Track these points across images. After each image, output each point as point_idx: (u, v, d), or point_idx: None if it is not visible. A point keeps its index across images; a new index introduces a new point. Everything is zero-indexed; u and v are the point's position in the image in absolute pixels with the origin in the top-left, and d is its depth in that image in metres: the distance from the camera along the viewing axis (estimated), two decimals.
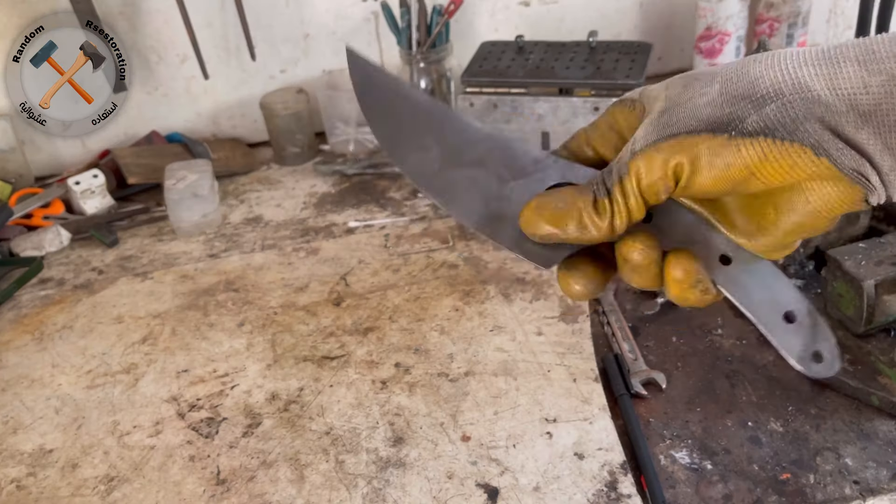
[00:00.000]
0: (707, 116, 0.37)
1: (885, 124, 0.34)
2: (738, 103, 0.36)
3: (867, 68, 0.34)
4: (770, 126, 0.35)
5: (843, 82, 0.35)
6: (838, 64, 0.35)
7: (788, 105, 0.35)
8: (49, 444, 0.72)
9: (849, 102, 0.34)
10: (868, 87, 0.34)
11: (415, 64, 1.19)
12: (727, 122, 0.36)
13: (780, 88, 0.35)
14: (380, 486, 0.64)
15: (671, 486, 0.62)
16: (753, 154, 0.35)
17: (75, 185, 1.10)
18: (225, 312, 0.88)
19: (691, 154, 0.37)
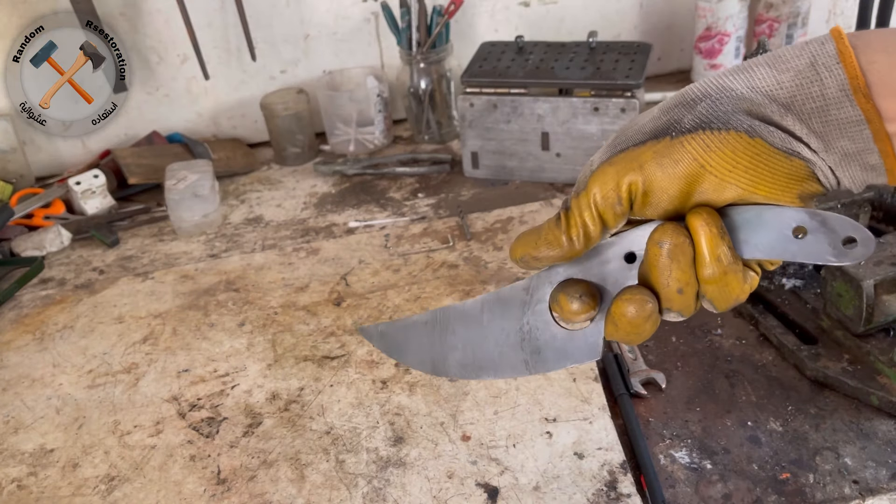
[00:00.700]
0: (650, 129, 0.41)
1: (804, 112, 0.38)
2: (673, 110, 0.41)
3: (776, 68, 0.39)
4: (705, 120, 0.39)
5: (758, 82, 0.39)
6: (751, 70, 0.40)
7: (717, 102, 0.39)
8: (50, 444, 0.73)
9: (768, 96, 0.39)
10: (780, 84, 0.39)
11: (415, 64, 1.19)
12: (667, 127, 0.40)
13: (707, 91, 0.40)
14: (380, 486, 0.64)
15: (671, 485, 0.62)
16: (697, 147, 0.39)
17: (76, 186, 1.10)
18: (225, 312, 0.89)
19: (641, 163, 0.40)
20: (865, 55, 0.38)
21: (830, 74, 0.38)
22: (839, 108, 0.38)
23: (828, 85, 0.38)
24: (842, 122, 0.38)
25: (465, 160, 1.12)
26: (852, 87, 0.37)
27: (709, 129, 0.39)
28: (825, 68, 0.38)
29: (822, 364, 0.70)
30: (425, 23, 1.17)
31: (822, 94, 0.38)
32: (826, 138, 0.39)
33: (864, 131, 0.38)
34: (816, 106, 0.38)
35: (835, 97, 0.38)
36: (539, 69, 1.06)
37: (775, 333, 0.74)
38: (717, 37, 1.27)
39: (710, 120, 0.39)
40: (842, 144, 0.39)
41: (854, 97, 0.37)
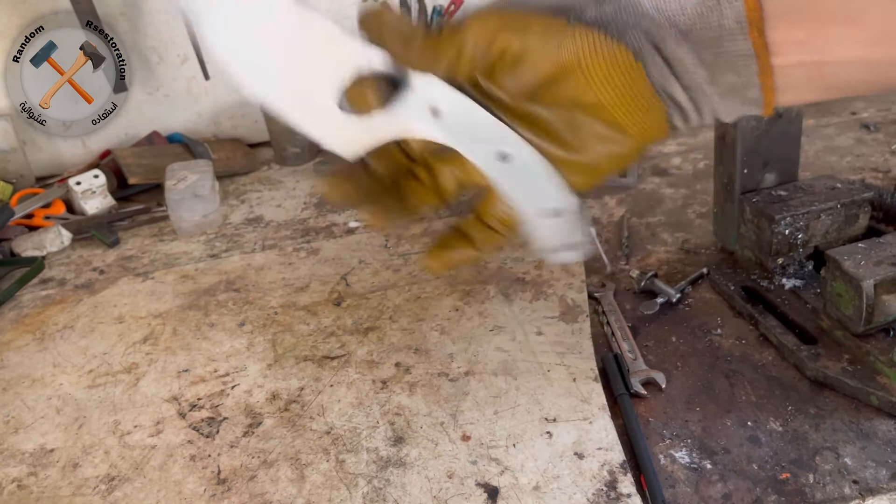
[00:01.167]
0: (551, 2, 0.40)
1: (699, 41, 0.38)
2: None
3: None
4: (604, 21, 0.39)
5: (664, 3, 0.39)
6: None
7: (623, 10, 0.39)
8: (50, 444, 0.73)
9: (670, 20, 0.38)
10: (684, 9, 0.38)
11: None
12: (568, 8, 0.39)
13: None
14: (380, 486, 0.64)
15: (671, 485, 0.62)
16: (585, 43, 0.39)
17: (76, 186, 1.11)
18: (226, 312, 0.89)
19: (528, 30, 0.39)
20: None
21: (730, 5, 0.38)
22: (732, 41, 0.38)
23: (726, 16, 0.38)
24: (732, 55, 0.38)
25: None
26: (749, 19, 0.37)
27: (604, 31, 0.39)
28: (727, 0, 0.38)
29: (822, 364, 0.70)
30: (425, 23, 1.17)
31: (719, 24, 0.38)
32: (714, 71, 0.39)
33: (751, 65, 0.38)
34: (712, 36, 0.38)
35: (730, 29, 0.38)
36: None
37: (775, 333, 0.74)
38: None
39: (608, 23, 0.39)
40: (728, 78, 0.39)
41: (748, 31, 0.38)
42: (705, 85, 0.39)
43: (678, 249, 0.92)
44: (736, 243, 0.85)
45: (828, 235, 0.80)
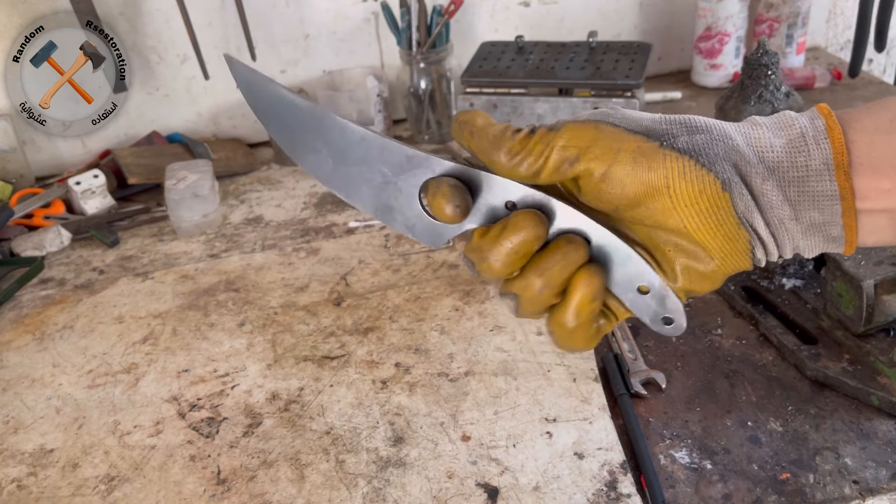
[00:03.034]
0: (646, 126, 0.42)
1: (785, 179, 0.40)
2: (675, 125, 0.42)
3: (773, 132, 0.41)
4: (696, 150, 0.41)
5: (755, 140, 0.41)
6: (753, 126, 0.42)
7: (715, 141, 0.41)
8: (50, 444, 0.73)
9: (759, 156, 0.41)
10: (773, 147, 0.41)
11: (415, 64, 1.19)
12: (662, 134, 0.41)
13: (710, 127, 0.41)
14: (380, 486, 0.64)
15: (671, 485, 0.62)
16: (676, 166, 0.41)
17: (76, 186, 1.10)
18: (225, 312, 0.89)
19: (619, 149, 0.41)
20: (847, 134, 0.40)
21: (818, 148, 0.40)
22: (819, 181, 0.40)
23: (814, 157, 0.40)
24: (817, 195, 0.40)
25: None
26: (836, 162, 0.40)
27: (695, 159, 0.41)
28: (814, 141, 0.40)
29: (823, 364, 0.70)
30: (425, 23, 1.17)
31: (806, 164, 0.40)
32: (798, 208, 0.41)
33: (835, 206, 0.40)
34: (799, 175, 0.40)
35: (817, 170, 0.40)
36: (539, 69, 1.06)
37: (775, 333, 0.74)
38: (717, 37, 1.27)
39: (700, 152, 0.41)
40: (811, 215, 0.41)
41: (835, 173, 0.40)
42: (788, 221, 0.41)
43: None
44: None
45: None
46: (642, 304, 0.46)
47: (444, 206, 0.44)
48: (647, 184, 0.41)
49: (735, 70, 1.30)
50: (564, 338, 0.44)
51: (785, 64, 1.30)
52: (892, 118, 0.40)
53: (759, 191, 0.41)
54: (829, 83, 1.27)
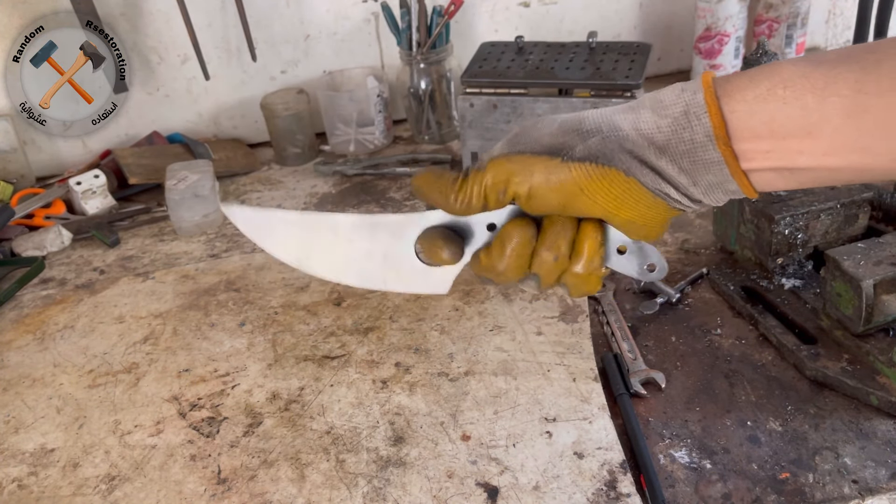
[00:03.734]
0: (547, 143, 0.48)
1: (676, 153, 0.46)
2: (570, 135, 0.48)
3: (658, 113, 0.46)
4: (593, 153, 0.47)
5: (642, 124, 0.46)
6: (638, 111, 0.47)
7: (606, 139, 0.47)
8: (50, 444, 0.73)
9: (648, 139, 0.46)
10: (660, 128, 0.46)
11: (415, 64, 1.19)
12: (560, 148, 0.48)
13: (600, 127, 0.47)
14: (380, 486, 0.64)
15: (670, 485, 0.62)
16: (581, 174, 0.47)
17: (76, 186, 1.11)
18: (226, 312, 0.89)
19: (532, 171, 0.48)
20: (728, 104, 0.45)
21: (699, 123, 0.45)
22: (704, 151, 0.45)
23: (696, 132, 0.45)
24: (706, 162, 0.46)
25: (465, 160, 1.13)
26: (715, 135, 0.45)
27: (594, 161, 0.47)
28: (695, 117, 0.45)
29: (822, 364, 0.70)
30: (425, 23, 1.17)
31: (691, 139, 0.45)
32: (693, 175, 0.47)
33: (723, 170, 0.46)
34: (686, 149, 0.46)
35: (701, 142, 0.45)
36: (539, 69, 1.06)
37: (775, 333, 0.74)
38: (716, 37, 1.27)
39: (597, 154, 0.47)
40: (707, 178, 0.47)
41: (717, 143, 0.45)
42: (689, 187, 0.47)
43: (678, 249, 0.92)
44: (735, 243, 0.85)
45: (827, 235, 0.80)
46: (625, 262, 0.54)
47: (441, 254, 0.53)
48: (563, 192, 0.48)
49: (735, 70, 1.30)
50: (579, 286, 0.52)
51: None
52: (770, 87, 0.43)
53: (657, 166, 0.47)
54: None
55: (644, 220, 0.49)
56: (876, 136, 0.42)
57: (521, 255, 0.51)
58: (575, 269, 0.51)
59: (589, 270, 0.51)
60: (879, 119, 0.41)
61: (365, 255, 0.58)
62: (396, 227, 0.57)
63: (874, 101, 0.41)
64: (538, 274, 0.52)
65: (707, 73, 0.46)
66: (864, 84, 0.41)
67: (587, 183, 0.47)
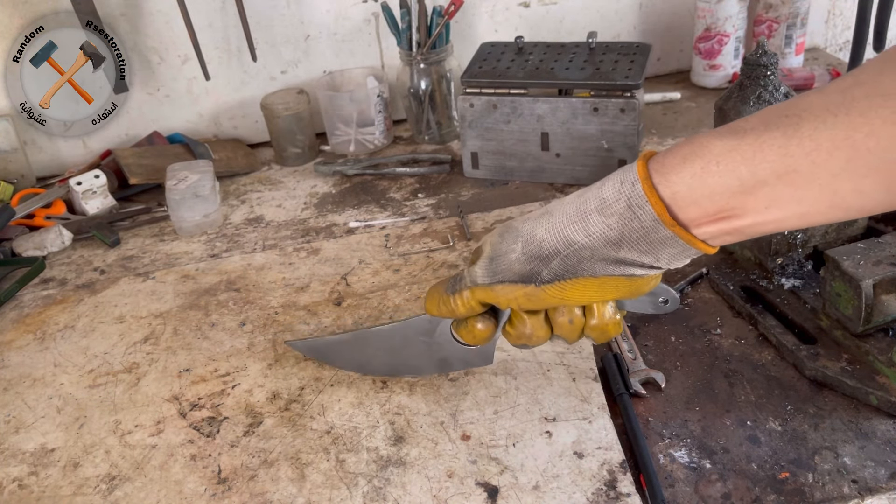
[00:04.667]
0: (517, 271, 0.56)
1: (632, 241, 0.51)
2: (533, 262, 0.55)
3: (603, 214, 0.52)
4: (558, 274, 0.54)
5: (593, 228, 0.52)
6: (586, 218, 0.52)
7: (566, 258, 0.53)
8: (51, 444, 0.73)
9: (603, 240, 0.52)
10: (610, 226, 0.51)
11: (415, 65, 1.19)
12: (530, 275, 0.55)
13: (557, 248, 0.54)
14: (380, 485, 0.64)
15: (670, 484, 0.62)
16: (555, 292, 0.55)
17: (77, 186, 1.11)
18: (226, 312, 0.89)
19: (515, 298, 0.57)
20: (667, 188, 0.49)
21: (643, 212, 0.50)
22: (656, 233, 0.50)
23: (643, 220, 0.50)
24: (661, 240, 0.50)
25: (465, 160, 1.13)
26: (661, 219, 0.49)
27: (562, 279, 0.54)
28: (638, 208, 0.50)
29: (821, 364, 0.70)
30: (425, 23, 1.17)
31: (641, 226, 0.50)
32: (654, 253, 0.52)
33: (678, 241, 0.50)
34: (639, 235, 0.51)
35: (651, 226, 0.50)
36: (539, 70, 1.06)
37: (774, 333, 0.74)
38: (716, 37, 1.27)
39: (562, 273, 0.54)
40: (667, 252, 0.52)
41: (664, 225, 0.49)
42: (654, 263, 0.52)
43: None
44: (735, 243, 0.85)
45: (827, 235, 0.80)
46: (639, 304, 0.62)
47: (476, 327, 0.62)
48: (549, 306, 0.58)
49: (734, 70, 1.30)
50: (601, 336, 0.60)
51: (784, 64, 1.31)
52: (703, 164, 0.48)
53: (619, 257, 0.52)
54: None
55: (629, 292, 0.55)
56: (807, 189, 0.45)
57: (539, 324, 0.59)
58: (592, 324, 0.59)
59: (604, 322, 0.58)
60: (807, 175, 0.45)
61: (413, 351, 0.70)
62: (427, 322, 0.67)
63: (800, 161, 0.45)
64: (560, 336, 0.61)
65: (640, 162, 0.51)
66: (788, 148, 0.45)
67: (564, 295, 0.55)
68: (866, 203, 0.46)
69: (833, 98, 0.44)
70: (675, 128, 1.22)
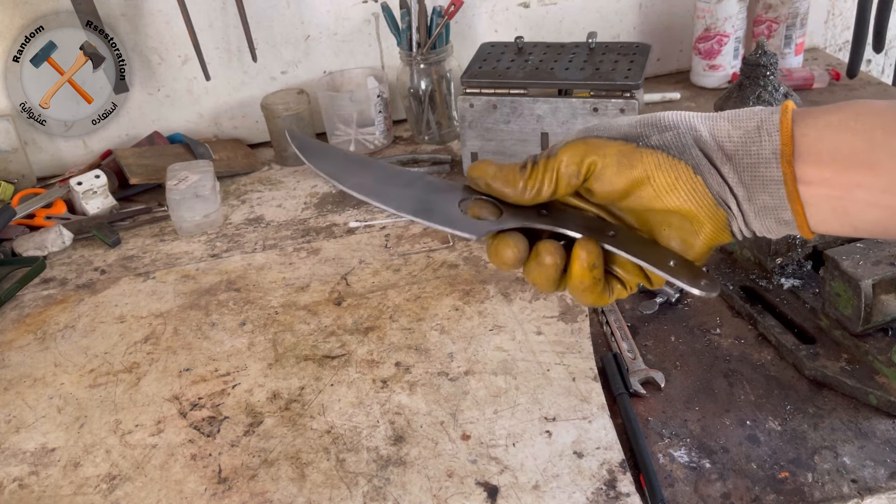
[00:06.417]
0: (624, 131, 0.49)
1: (741, 165, 0.47)
2: (647, 127, 0.49)
3: (733, 124, 0.47)
4: (667, 144, 0.48)
5: (717, 131, 0.48)
6: (716, 120, 0.48)
7: (682, 134, 0.48)
8: (51, 443, 0.73)
9: (718, 144, 0.47)
10: (731, 137, 0.47)
11: (415, 65, 1.19)
12: (637, 136, 0.49)
13: (677, 123, 0.49)
14: (380, 485, 0.64)
15: (670, 484, 0.62)
16: (652, 160, 0.47)
17: (77, 186, 1.11)
18: (226, 312, 0.89)
19: (606, 153, 0.49)
20: (800, 128, 0.45)
21: (769, 139, 0.46)
22: (767, 168, 0.46)
23: (764, 147, 0.46)
24: (766, 180, 0.46)
25: (465, 161, 1.13)
26: (781, 152, 0.45)
27: (667, 152, 0.48)
28: (766, 133, 0.46)
29: (821, 363, 0.70)
30: (425, 24, 1.17)
31: (758, 152, 0.46)
32: (751, 190, 0.47)
33: (780, 190, 0.46)
34: (751, 161, 0.47)
35: (766, 158, 0.46)
36: (538, 70, 1.06)
37: (774, 333, 0.74)
38: (716, 37, 1.27)
39: (670, 146, 0.48)
40: (762, 198, 0.47)
41: (780, 161, 0.46)
42: (743, 202, 0.47)
43: None
44: (735, 243, 0.85)
45: (826, 235, 0.80)
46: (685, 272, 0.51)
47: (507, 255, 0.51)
48: (630, 178, 0.48)
49: (734, 71, 1.30)
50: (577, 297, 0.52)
51: (783, 65, 1.31)
52: (843, 118, 0.45)
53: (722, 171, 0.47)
54: (828, 84, 1.27)
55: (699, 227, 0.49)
56: None
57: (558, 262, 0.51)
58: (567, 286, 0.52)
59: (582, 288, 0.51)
60: None
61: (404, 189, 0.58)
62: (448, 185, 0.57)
63: None
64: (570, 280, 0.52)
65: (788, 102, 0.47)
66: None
67: (655, 171, 0.48)
68: None
69: None
70: None
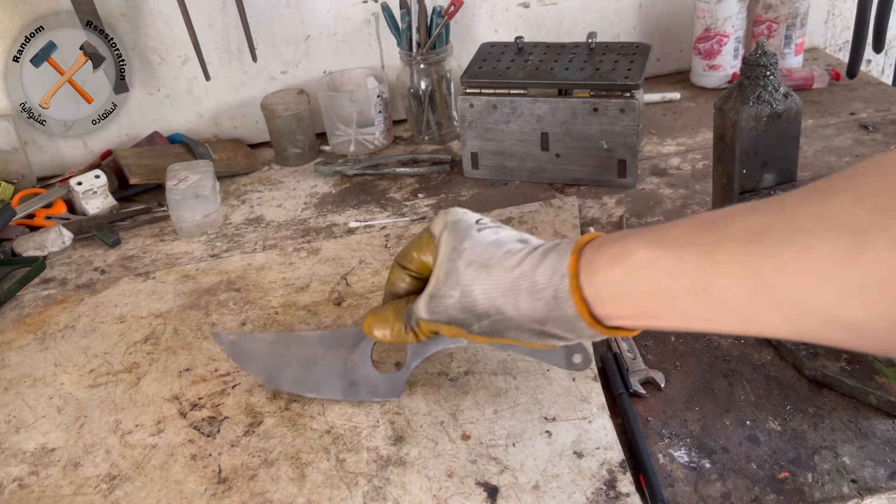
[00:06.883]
0: (453, 316, 0.60)
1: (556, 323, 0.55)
2: (467, 314, 0.59)
3: (533, 297, 0.55)
4: (487, 331, 0.59)
5: (522, 306, 0.56)
6: (517, 295, 0.56)
7: (495, 322, 0.58)
8: (51, 443, 0.73)
9: (528, 316, 0.56)
10: (536, 309, 0.55)
11: (415, 65, 1.19)
12: (462, 323, 0.60)
13: (489, 312, 0.58)
14: (380, 485, 0.64)
15: (670, 484, 0.62)
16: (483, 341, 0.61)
17: (77, 186, 1.11)
18: (226, 312, 0.89)
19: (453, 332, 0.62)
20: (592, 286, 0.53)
21: (567, 305, 0.54)
22: (577, 323, 0.54)
23: (566, 311, 0.54)
24: (581, 329, 0.55)
25: (465, 161, 1.13)
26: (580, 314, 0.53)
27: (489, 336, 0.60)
28: (563, 300, 0.54)
29: (821, 363, 0.70)
30: (425, 24, 1.17)
31: (563, 315, 0.54)
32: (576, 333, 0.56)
33: (597, 335, 0.55)
34: (562, 321, 0.55)
35: (573, 317, 0.54)
36: (538, 70, 1.06)
37: None
38: (715, 38, 1.27)
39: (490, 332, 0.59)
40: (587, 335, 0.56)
41: (585, 321, 0.53)
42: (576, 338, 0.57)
43: None
44: None
45: None
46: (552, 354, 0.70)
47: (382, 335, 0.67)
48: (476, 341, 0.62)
49: (734, 71, 1.30)
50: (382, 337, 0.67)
51: (783, 65, 1.31)
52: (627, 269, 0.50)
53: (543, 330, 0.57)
54: (828, 84, 1.27)
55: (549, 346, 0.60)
56: (719, 310, 0.47)
57: None
58: None
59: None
60: (719, 296, 0.46)
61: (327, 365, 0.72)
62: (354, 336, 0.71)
63: (713, 282, 0.46)
64: None
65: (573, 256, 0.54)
66: (704, 267, 0.46)
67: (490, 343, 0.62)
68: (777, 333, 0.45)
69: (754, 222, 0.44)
70: (675, 128, 1.22)
